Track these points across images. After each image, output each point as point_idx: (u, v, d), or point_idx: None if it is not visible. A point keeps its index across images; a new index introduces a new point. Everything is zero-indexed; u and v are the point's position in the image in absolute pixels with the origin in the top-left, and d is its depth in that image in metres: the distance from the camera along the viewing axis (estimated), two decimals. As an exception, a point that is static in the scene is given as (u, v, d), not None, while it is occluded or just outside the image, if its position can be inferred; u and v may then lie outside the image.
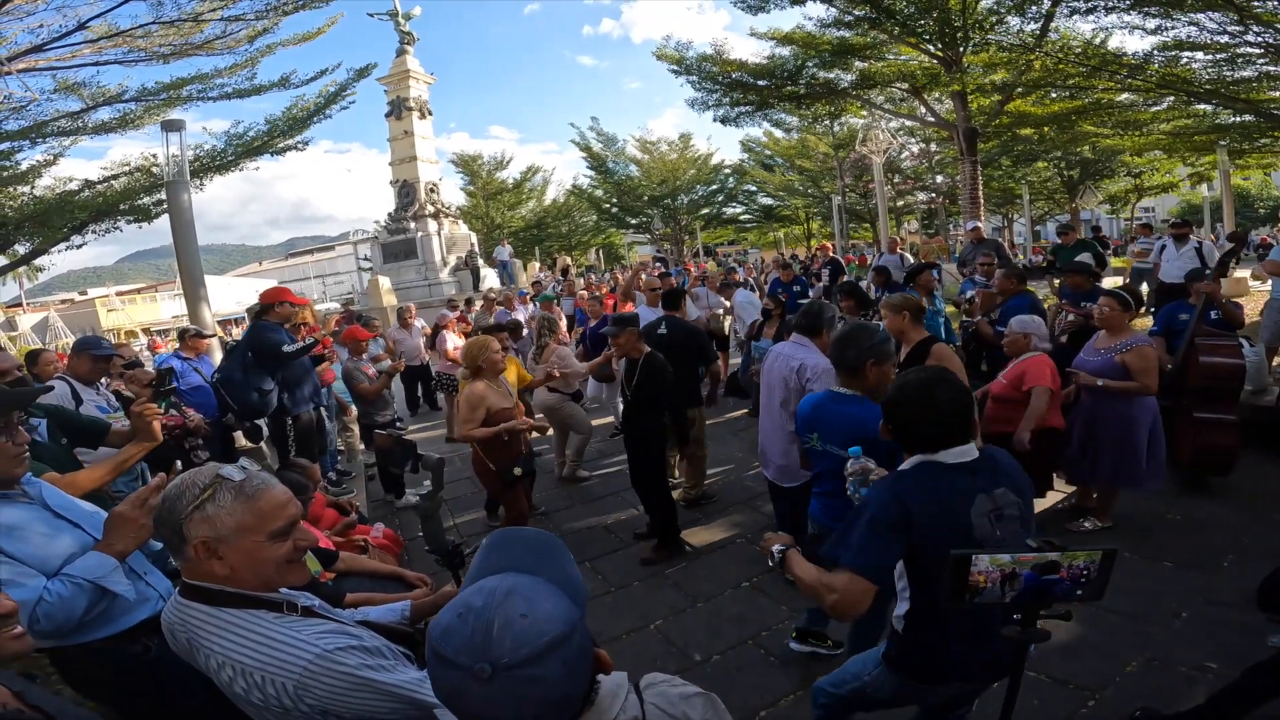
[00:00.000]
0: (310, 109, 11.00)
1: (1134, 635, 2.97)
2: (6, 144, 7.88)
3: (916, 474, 1.69)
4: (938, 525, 1.60)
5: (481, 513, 5.23)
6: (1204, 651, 2.79)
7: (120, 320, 30.98)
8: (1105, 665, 2.81)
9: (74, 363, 3.73)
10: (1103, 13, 10.86)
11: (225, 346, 7.45)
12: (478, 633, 0.81)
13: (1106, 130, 15.85)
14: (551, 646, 0.81)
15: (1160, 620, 3.06)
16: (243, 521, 1.24)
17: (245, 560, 1.26)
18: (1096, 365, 3.86)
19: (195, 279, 6.64)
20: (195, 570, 1.28)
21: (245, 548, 1.25)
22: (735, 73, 14.36)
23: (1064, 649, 2.92)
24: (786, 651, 3.13)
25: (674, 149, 33.01)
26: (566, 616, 0.85)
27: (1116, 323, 3.88)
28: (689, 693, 1.03)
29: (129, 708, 1.83)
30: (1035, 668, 2.81)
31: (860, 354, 2.48)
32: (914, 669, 1.78)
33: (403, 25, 19.01)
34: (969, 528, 1.61)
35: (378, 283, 16.69)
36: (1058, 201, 31.07)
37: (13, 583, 1.53)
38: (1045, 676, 2.77)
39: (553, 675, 0.81)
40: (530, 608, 0.83)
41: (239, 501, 1.25)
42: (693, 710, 0.99)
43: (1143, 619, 3.07)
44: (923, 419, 1.68)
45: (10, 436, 1.68)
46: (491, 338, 4.12)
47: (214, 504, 1.23)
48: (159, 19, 8.38)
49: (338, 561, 2.98)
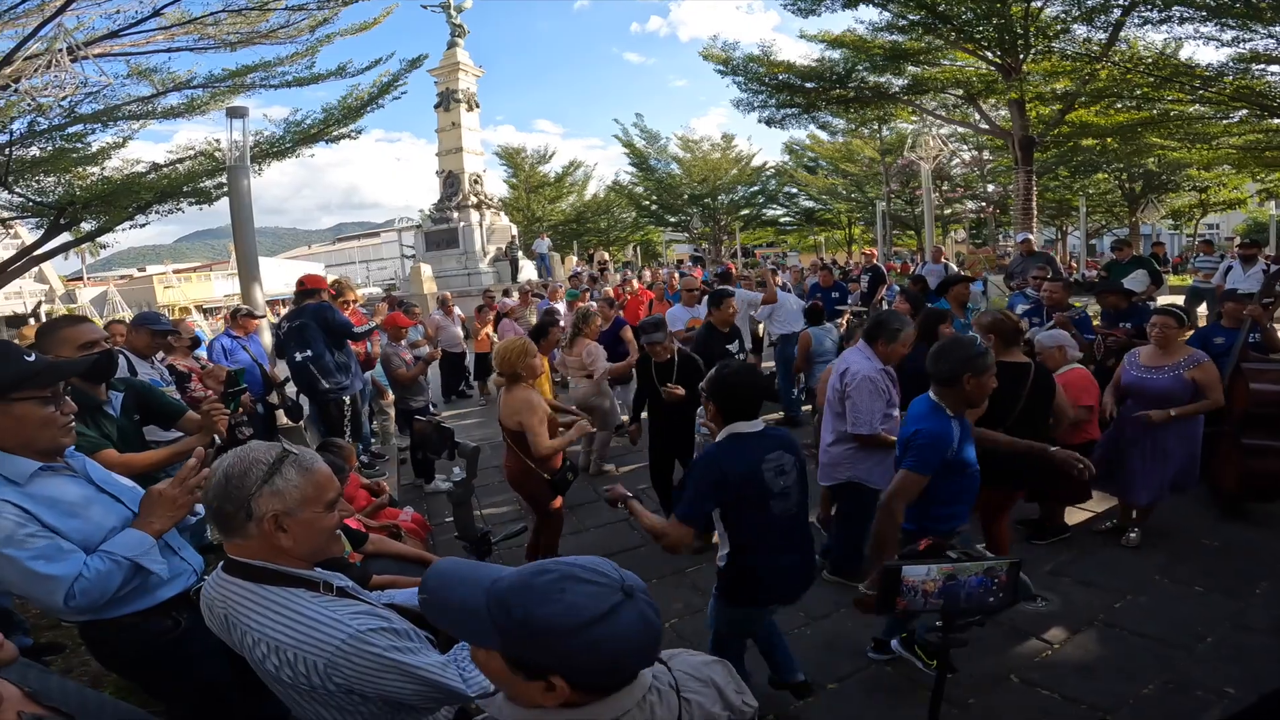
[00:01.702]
0: (364, 98, 11.24)
1: (1155, 657, 2.92)
2: (80, 126, 8.25)
3: (729, 443, 2.27)
4: (745, 479, 2.19)
5: (510, 503, 5.31)
6: (1224, 676, 2.73)
7: (175, 297, 32.25)
8: (1122, 686, 2.76)
9: (133, 336, 3.89)
10: (1176, 23, 10.41)
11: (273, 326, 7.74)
12: (600, 565, 0.89)
13: (1174, 143, 15.21)
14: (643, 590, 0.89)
15: (1184, 644, 2.99)
16: (306, 494, 1.32)
17: (305, 532, 1.32)
18: (1166, 384, 3.78)
19: (250, 261, 6.89)
20: (249, 547, 1.32)
21: (306, 519, 1.32)
22: (782, 74, 14.14)
23: (1081, 668, 2.90)
24: (798, 656, 3.12)
25: (716, 148, 32.81)
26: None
27: (1171, 340, 3.84)
28: (709, 659, 1.13)
29: (151, 680, 1.88)
30: (1049, 685, 2.80)
31: (955, 367, 2.50)
32: (736, 596, 2.34)
33: (454, 17, 19.28)
34: (763, 479, 2.21)
35: (419, 270, 17.05)
36: (1116, 215, 29.68)
37: (52, 558, 1.56)
38: (1058, 695, 2.74)
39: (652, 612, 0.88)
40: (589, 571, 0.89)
41: (302, 475, 1.32)
42: (716, 674, 1.09)
43: (1166, 642, 3.02)
44: (732, 399, 2.28)
45: (59, 406, 1.69)
46: (531, 342, 3.92)
47: (282, 479, 1.30)
48: (228, 7, 8.71)
49: (366, 543, 3.08)
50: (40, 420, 1.63)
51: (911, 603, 1.18)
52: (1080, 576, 3.66)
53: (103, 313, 25.63)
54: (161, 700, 1.94)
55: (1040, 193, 19.34)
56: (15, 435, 1.61)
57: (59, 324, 2.54)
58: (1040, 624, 3.21)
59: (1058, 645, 3.09)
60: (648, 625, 0.86)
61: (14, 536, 1.53)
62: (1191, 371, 3.72)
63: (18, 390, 1.60)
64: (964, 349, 2.54)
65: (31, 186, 7.83)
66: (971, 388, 2.49)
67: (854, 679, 2.98)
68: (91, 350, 2.37)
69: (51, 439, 1.67)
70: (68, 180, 8.16)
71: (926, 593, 1.18)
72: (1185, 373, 3.73)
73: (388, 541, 3.35)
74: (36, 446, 1.64)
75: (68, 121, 8.07)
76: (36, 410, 1.62)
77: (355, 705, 1.32)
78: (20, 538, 1.54)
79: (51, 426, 1.66)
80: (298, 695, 1.31)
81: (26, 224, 9.18)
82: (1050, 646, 3.08)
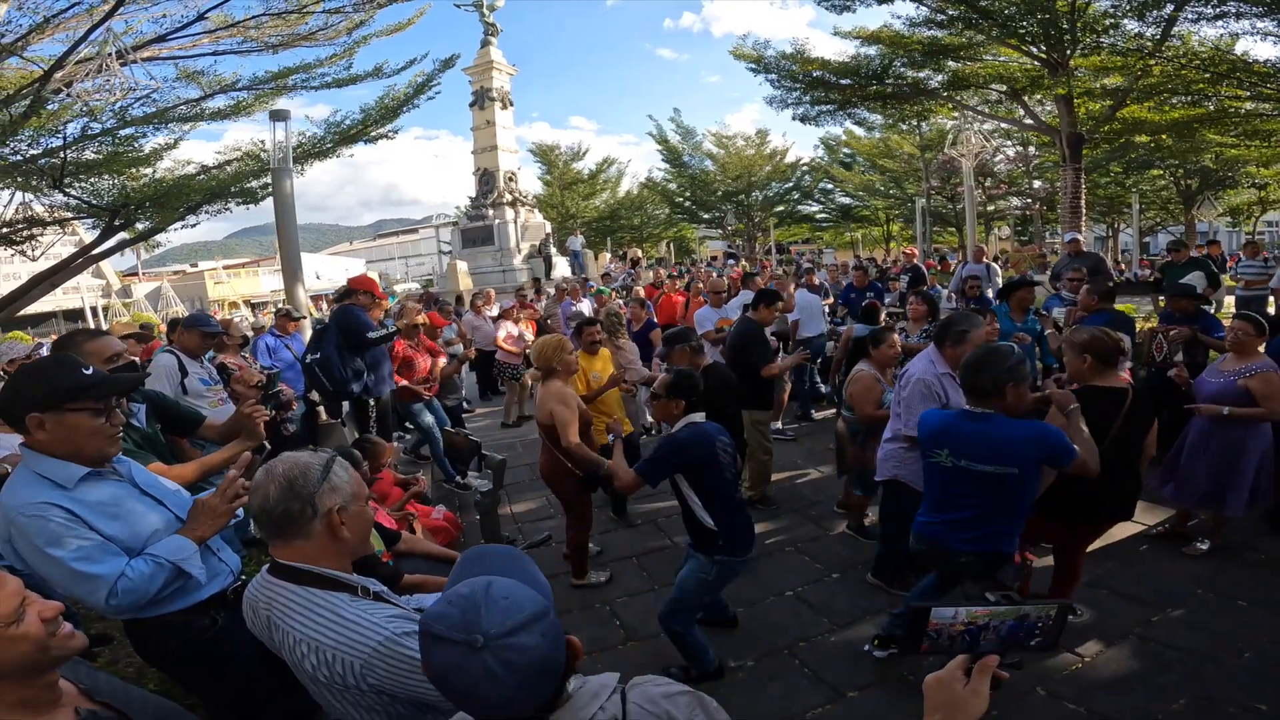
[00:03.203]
0: (400, 99, 11.44)
1: (1189, 673, 2.84)
2: (132, 129, 8.58)
3: (689, 430, 2.87)
4: (705, 459, 2.82)
5: (540, 500, 5.39)
6: (1258, 693, 2.65)
7: (225, 292, 33.41)
8: (1152, 701, 2.69)
9: (184, 338, 4.07)
10: (1232, 18, 9.94)
11: (315, 323, 7.98)
12: (467, 612, 0.92)
13: (1231, 139, 14.51)
14: (533, 619, 0.93)
15: (1220, 659, 2.90)
16: (355, 489, 1.43)
17: (356, 524, 1.42)
18: (1217, 388, 3.70)
19: (294, 262, 7.13)
20: (305, 549, 1.39)
21: (355, 512, 1.43)
22: (817, 71, 13.87)
23: (1112, 683, 2.83)
24: (819, 663, 3.13)
25: (750, 144, 32.46)
26: (540, 597, 0.98)
27: (1248, 347, 3.73)
28: (672, 691, 1.08)
29: (190, 676, 1.97)
30: (1076, 701, 2.74)
31: (998, 377, 2.49)
32: (732, 547, 2.89)
33: (487, 16, 19.46)
34: (717, 458, 2.83)
35: (456, 267, 17.34)
36: (1171, 212, 28.44)
37: (96, 559, 1.65)
38: (1084, 709, 2.69)
39: (535, 643, 0.92)
40: (509, 592, 0.96)
41: (349, 472, 1.43)
42: (676, 709, 1.04)
43: (1202, 656, 2.93)
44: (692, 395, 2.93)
45: (108, 417, 1.77)
46: (566, 338, 4.00)
47: (336, 475, 1.40)
48: (268, 10, 8.97)
49: (399, 543, 3.18)
50: (90, 430, 1.72)
51: (934, 645, 1.15)
52: (1119, 588, 3.55)
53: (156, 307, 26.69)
54: (198, 696, 2.03)
55: (1090, 189, 18.66)
56: (66, 443, 1.70)
57: (80, 338, 2.55)
58: (1073, 637, 3.13)
59: (1089, 658, 3.01)
60: (492, 678, 0.89)
61: (60, 538, 1.62)
62: (1246, 380, 3.60)
63: (73, 401, 1.68)
64: (1002, 359, 2.52)
65: (88, 189, 8.20)
66: (1012, 397, 2.48)
67: (876, 686, 2.96)
68: (116, 363, 2.45)
69: (98, 448, 1.75)
70: (122, 182, 8.53)
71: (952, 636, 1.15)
72: (1240, 380, 3.61)
73: (419, 541, 3.46)
74: (84, 454, 1.73)
75: (120, 124, 8.40)
76: (88, 421, 1.71)
77: (385, 705, 1.36)
78: (66, 539, 1.63)
79: (99, 436, 1.74)
80: (331, 695, 1.37)
81: (84, 223, 9.60)
82: (1081, 660, 3.00)
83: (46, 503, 1.64)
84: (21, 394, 1.70)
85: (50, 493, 1.67)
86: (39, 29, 7.66)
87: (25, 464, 1.72)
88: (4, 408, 1.74)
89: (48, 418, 1.67)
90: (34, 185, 7.68)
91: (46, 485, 1.68)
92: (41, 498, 1.65)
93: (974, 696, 1.03)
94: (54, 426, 1.68)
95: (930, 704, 1.05)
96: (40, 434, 1.68)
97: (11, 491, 1.68)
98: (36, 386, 1.69)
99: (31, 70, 7.98)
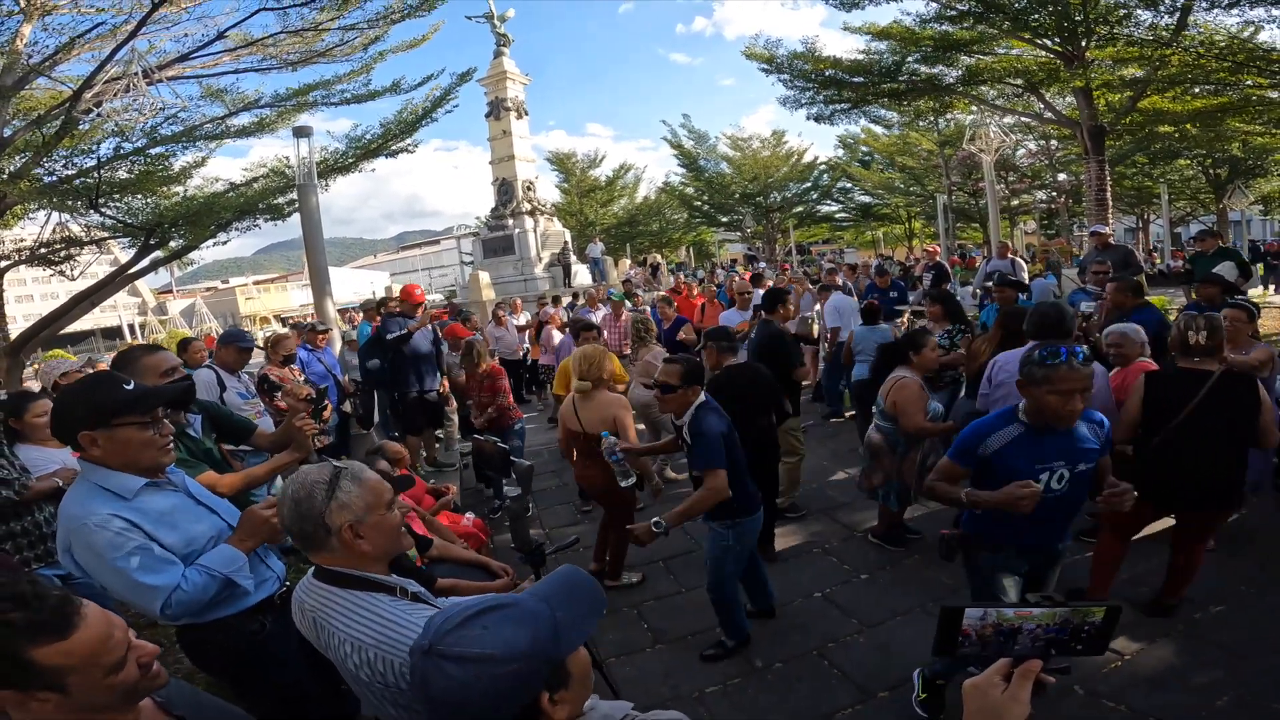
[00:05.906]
0: (418, 113, 11.65)
1: (1230, 670, 2.78)
2: (162, 148, 8.83)
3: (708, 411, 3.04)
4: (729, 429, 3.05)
5: (567, 504, 5.44)
6: None
7: (256, 307, 34.12)
8: (1192, 699, 2.64)
9: (222, 353, 4.24)
10: (1247, 6, 9.76)
11: (345, 336, 8.15)
12: (449, 620, 0.94)
13: (1258, 127, 14.16)
14: (482, 660, 0.90)
15: (1263, 656, 2.83)
16: (367, 500, 1.45)
17: (377, 533, 1.45)
18: None
19: (321, 276, 7.28)
20: (336, 559, 1.45)
21: (375, 522, 1.45)
22: (829, 70, 13.79)
23: (1151, 680, 2.79)
24: (848, 664, 3.13)
25: (766, 145, 32.36)
26: (519, 650, 0.92)
27: (1241, 335, 3.74)
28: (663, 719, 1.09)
29: (238, 679, 2.04)
30: (1114, 698, 2.70)
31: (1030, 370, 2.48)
32: (741, 509, 3.08)
33: (498, 27, 19.61)
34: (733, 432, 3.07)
35: (478, 278, 17.50)
36: (1202, 202, 27.71)
37: (155, 570, 1.73)
38: (1124, 707, 2.65)
39: (464, 680, 0.90)
40: (495, 624, 0.94)
41: (357, 485, 1.45)
42: None
43: (1244, 653, 2.87)
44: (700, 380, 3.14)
45: (158, 429, 1.83)
46: (606, 351, 4.10)
47: (342, 492, 1.43)
48: (285, 28, 9.20)
49: (431, 548, 3.25)
50: (141, 442, 1.79)
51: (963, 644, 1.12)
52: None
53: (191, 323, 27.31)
54: (246, 700, 2.07)
55: (1117, 180, 18.29)
56: (120, 456, 1.78)
57: (137, 353, 2.63)
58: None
59: (1129, 656, 2.96)
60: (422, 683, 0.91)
61: (122, 548, 1.70)
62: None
63: (118, 416, 1.76)
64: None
65: (122, 208, 8.46)
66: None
67: (906, 687, 2.94)
68: (172, 377, 2.53)
69: (152, 459, 1.83)
70: (155, 201, 8.79)
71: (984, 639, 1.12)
72: None
73: (450, 547, 3.52)
74: (140, 465, 1.81)
75: (150, 143, 8.66)
76: (137, 434, 1.78)
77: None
78: (128, 549, 1.70)
79: (151, 448, 1.81)
80: (372, 694, 1.42)
81: (119, 242, 9.89)
82: (1121, 657, 2.95)
83: (110, 514, 1.72)
84: (69, 414, 1.79)
85: (113, 504, 1.75)
86: (65, 49, 7.92)
87: (84, 476, 1.80)
88: (56, 428, 1.82)
89: (99, 434, 1.75)
90: (70, 206, 7.93)
91: (108, 497, 1.76)
92: (106, 509, 1.72)
93: (1013, 703, 0.96)
94: (106, 442, 1.75)
95: (968, 710, 1.00)
96: (95, 450, 1.76)
97: (74, 502, 1.77)
98: (81, 406, 1.78)
99: (61, 90, 8.27)
